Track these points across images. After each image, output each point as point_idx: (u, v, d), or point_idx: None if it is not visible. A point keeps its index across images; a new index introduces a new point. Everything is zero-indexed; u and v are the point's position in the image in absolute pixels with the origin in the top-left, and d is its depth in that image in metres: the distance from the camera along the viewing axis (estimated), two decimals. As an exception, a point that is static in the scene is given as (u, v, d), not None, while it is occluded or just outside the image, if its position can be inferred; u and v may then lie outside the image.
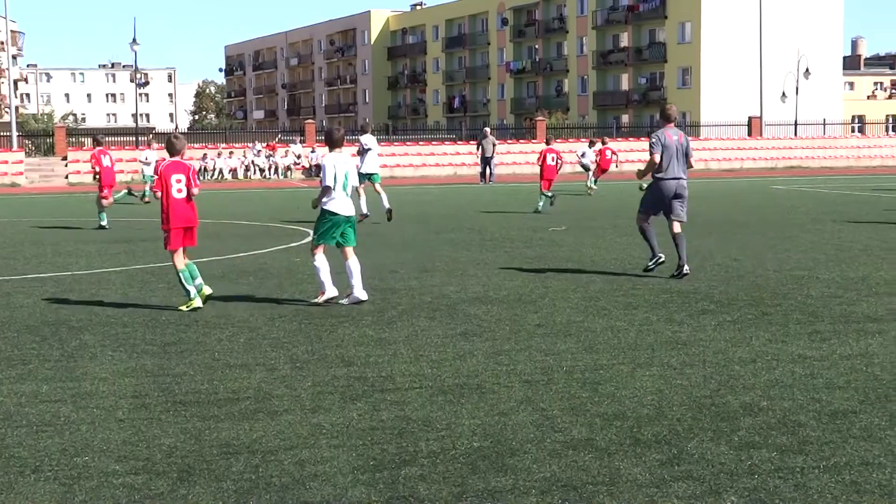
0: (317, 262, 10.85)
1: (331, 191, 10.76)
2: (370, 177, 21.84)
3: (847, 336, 8.83)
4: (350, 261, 10.85)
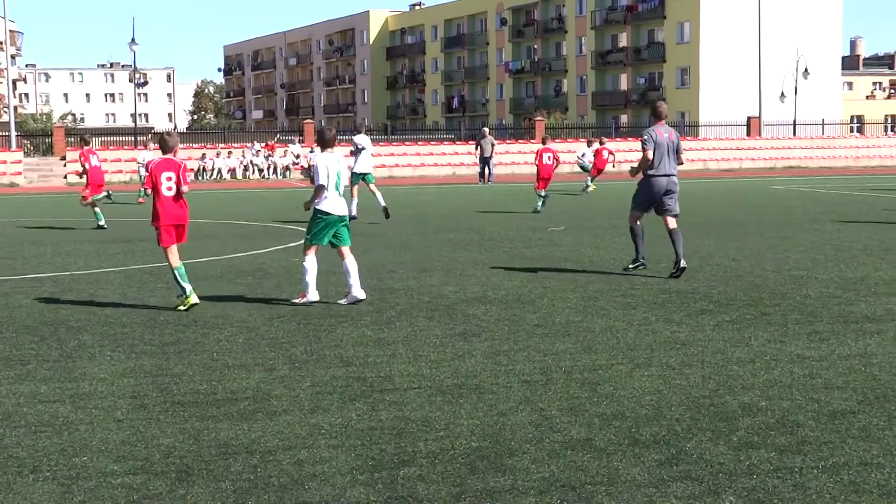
0: (306, 262, 10.84)
1: (324, 190, 10.75)
2: (364, 177, 21.84)
3: (846, 336, 8.83)
4: (347, 260, 10.84)
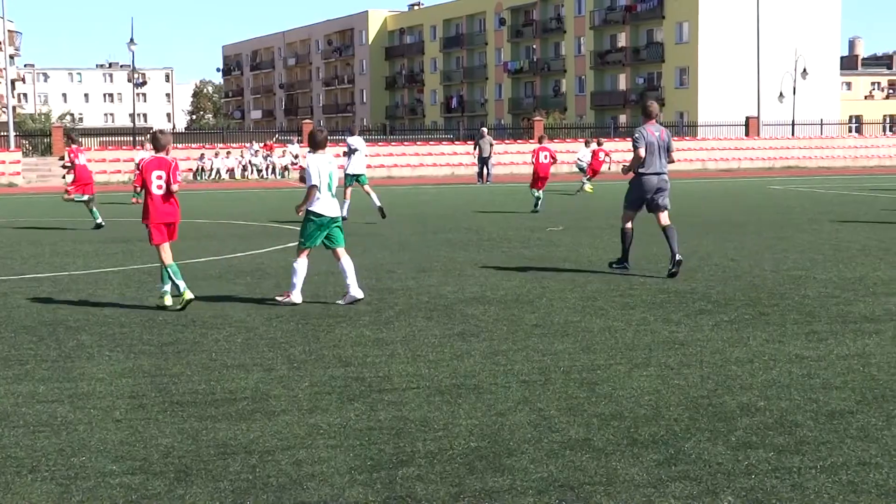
0: (297, 263, 10.84)
1: (316, 191, 10.74)
2: (357, 178, 21.83)
3: (844, 336, 8.84)
4: (342, 261, 10.84)
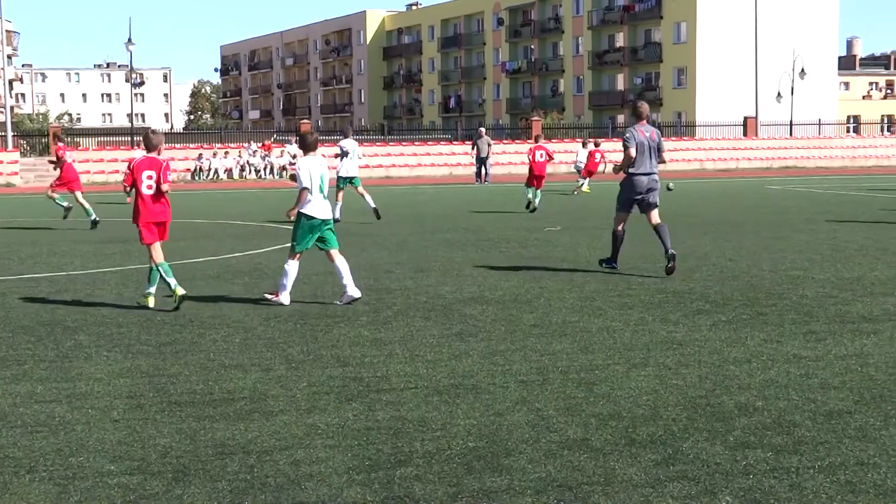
0: (288, 265, 10.83)
1: (307, 193, 10.73)
2: (351, 181, 21.83)
3: (842, 336, 8.84)
4: (337, 262, 10.83)
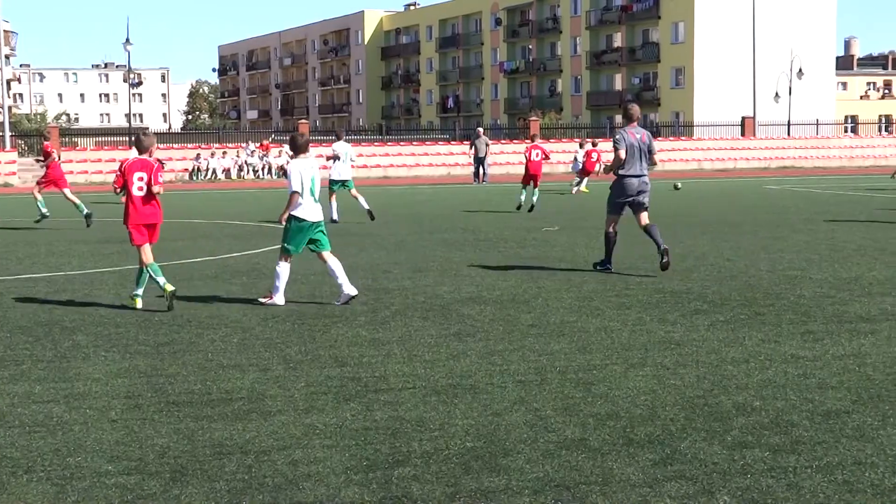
0: (279, 267, 10.81)
1: (298, 196, 10.72)
2: (344, 184, 21.82)
3: (840, 336, 8.85)
4: (329, 263, 10.83)
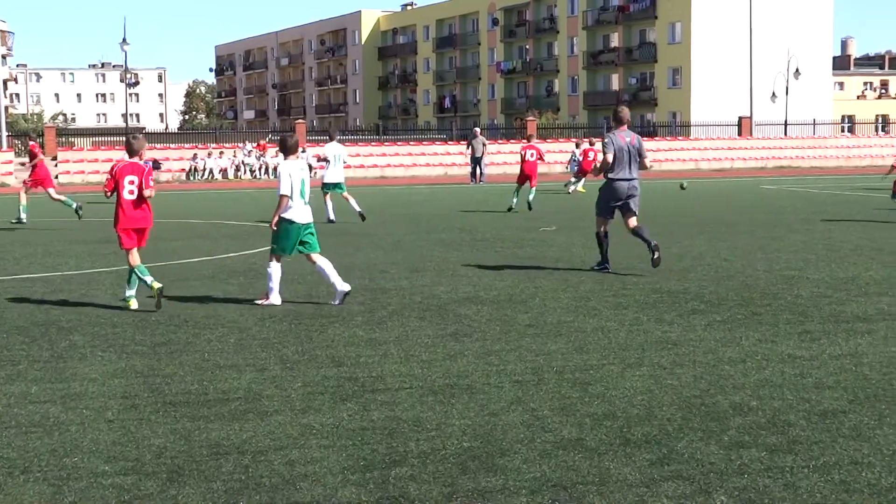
0: (271, 267, 10.82)
1: (287, 199, 10.72)
2: (336, 186, 21.83)
3: (837, 336, 8.86)
4: (319, 262, 10.84)
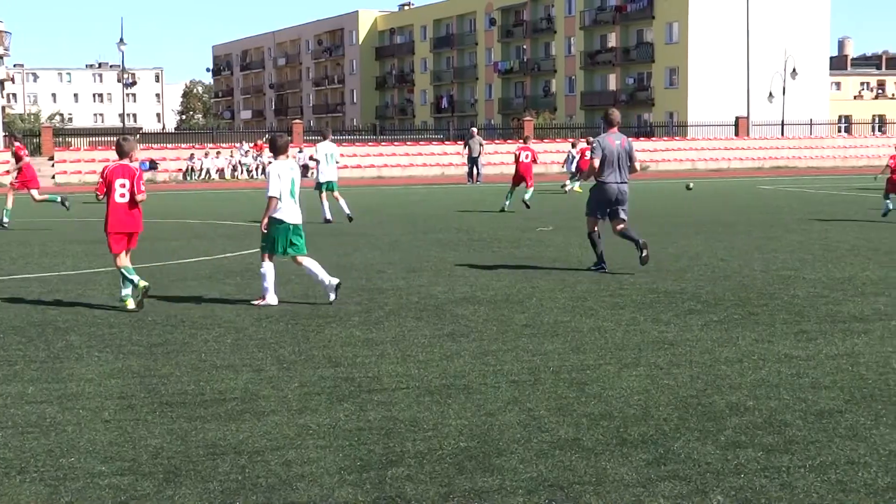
0: (263, 268, 10.81)
1: (276, 201, 10.72)
2: (327, 185, 21.83)
3: (833, 336, 8.86)
4: (305, 263, 10.85)
